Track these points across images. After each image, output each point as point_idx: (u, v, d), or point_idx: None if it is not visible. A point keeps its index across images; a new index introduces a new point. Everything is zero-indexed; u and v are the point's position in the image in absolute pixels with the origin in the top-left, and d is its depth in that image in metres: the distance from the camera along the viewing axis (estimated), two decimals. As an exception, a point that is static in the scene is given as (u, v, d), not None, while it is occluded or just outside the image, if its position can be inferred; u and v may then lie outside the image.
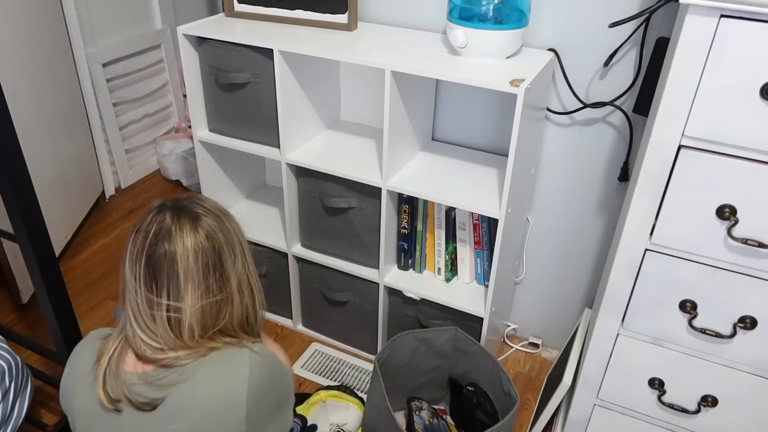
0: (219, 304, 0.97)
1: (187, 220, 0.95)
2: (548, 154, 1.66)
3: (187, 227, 0.95)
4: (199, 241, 0.94)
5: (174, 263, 0.93)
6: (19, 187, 1.16)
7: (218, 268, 0.96)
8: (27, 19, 2.04)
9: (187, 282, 0.94)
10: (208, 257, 0.95)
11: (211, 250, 0.95)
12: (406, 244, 1.71)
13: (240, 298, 1.00)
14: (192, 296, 0.94)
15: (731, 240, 1.03)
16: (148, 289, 0.94)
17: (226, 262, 0.97)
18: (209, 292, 0.96)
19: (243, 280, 1.00)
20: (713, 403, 1.21)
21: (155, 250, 0.93)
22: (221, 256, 0.96)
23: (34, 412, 1.69)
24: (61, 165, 2.27)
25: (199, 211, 0.97)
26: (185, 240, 0.94)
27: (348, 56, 1.45)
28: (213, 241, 0.95)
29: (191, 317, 0.95)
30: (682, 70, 0.95)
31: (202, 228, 0.95)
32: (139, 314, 0.96)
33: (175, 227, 0.94)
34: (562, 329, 1.91)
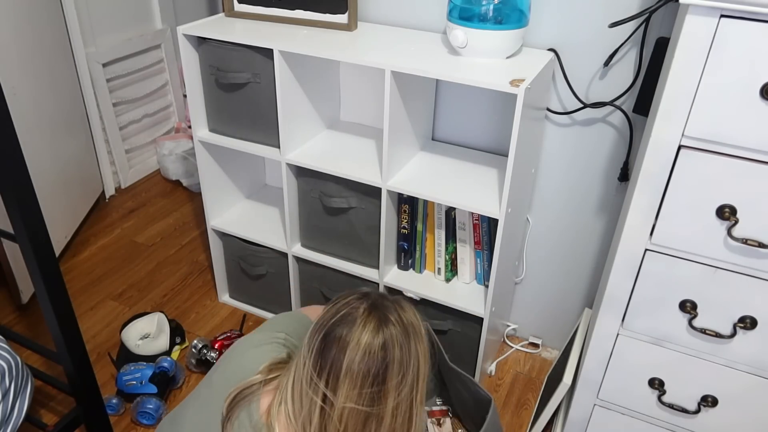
0: (367, 416, 0.91)
1: (375, 319, 0.91)
2: (548, 154, 1.66)
3: (371, 326, 0.91)
4: (374, 345, 0.90)
5: (342, 352, 0.90)
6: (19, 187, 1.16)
7: (378, 381, 0.90)
8: (27, 19, 2.04)
9: (346, 377, 0.90)
10: (373, 365, 0.89)
11: (380, 360, 0.90)
12: (406, 244, 1.71)
13: (392, 420, 0.93)
14: (345, 394, 0.90)
15: (731, 240, 1.03)
16: (314, 365, 0.92)
17: (391, 380, 0.91)
18: (361, 399, 0.90)
19: (403, 406, 0.93)
20: (713, 403, 1.21)
21: (334, 332, 0.91)
22: (387, 370, 0.90)
23: (34, 412, 1.69)
24: (61, 165, 2.27)
25: (392, 318, 0.92)
26: (362, 336, 0.90)
27: (348, 56, 1.45)
28: (386, 352, 0.90)
29: (340, 415, 0.90)
30: (682, 70, 0.95)
31: (383, 334, 0.90)
32: (297, 383, 0.94)
33: (361, 319, 0.91)
34: (562, 329, 1.91)
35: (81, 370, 1.42)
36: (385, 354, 0.90)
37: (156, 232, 2.50)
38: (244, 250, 1.93)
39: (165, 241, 2.45)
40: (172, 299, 2.14)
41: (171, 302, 2.13)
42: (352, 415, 0.91)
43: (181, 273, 2.27)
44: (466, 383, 1.53)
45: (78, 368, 1.41)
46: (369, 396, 0.90)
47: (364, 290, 0.98)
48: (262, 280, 1.97)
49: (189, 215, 2.62)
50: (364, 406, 0.90)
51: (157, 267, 2.30)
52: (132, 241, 2.44)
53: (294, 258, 1.85)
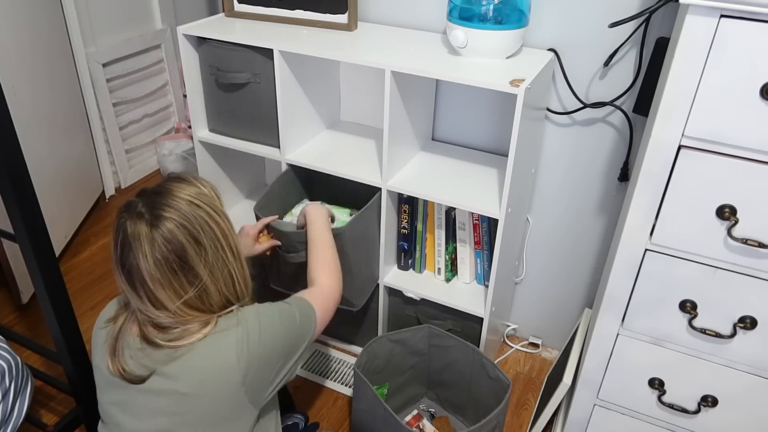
0: (197, 294, 0.98)
1: (144, 225, 0.95)
2: (548, 154, 1.66)
3: (143, 235, 0.94)
4: (157, 248, 0.94)
5: (140, 272, 0.95)
6: (19, 187, 1.16)
7: (184, 268, 0.96)
8: (27, 19, 2.04)
9: (157, 288, 0.96)
10: (169, 263, 0.95)
11: (172, 253, 0.95)
12: (406, 244, 1.71)
13: (214, 283, 1.00)
14: (167, 299, 0.97)
15: (731, 240, 1.03)
16: (132, 295, 0.99)
17: (192, 260, 0.97)
18: (183, 290, 0.97)
19: (216, 266, 1.00)
20: (713, 403, 1.21)
21: (125, 262, 0.96)
22: (184, 256, 0.96)
23: (34, 412, 1.69)
24: (61, 165, 2.27)
25: (162, 213, 0.96)
26: (144, 249, 0.94)
27: (348, 56, 1.45)
28: (173, 245, 0.95)
29: (173, 315, 0.98)
30: (682, 70, 0.95)
31: (159, 234, 0.95)
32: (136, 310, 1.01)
33: (133, 236, 0.95)
34: (562, 329, 1.91)
35: (81, 370, 1.42)
36: (173, 246, 0.95)
37: (156, 232, 2.50)
38: (244, 250, 1.93)
39: (165, 241, 2.45)
40: (172, 299, 2.14)
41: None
42: (186, 303, 0.98)
43: (181, 273, 2.27)
44: (486, 367, 1.54)
45: (78, 368, 1.41)
46: (186, 282, 0.97)
47: (125, 203, 1.00)
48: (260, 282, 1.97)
49: (189, 215, 2.62)
50: (187, 292, 0.97)
51: (157, 267, 2.30)
52: (132, 241, 2.44)
53: (294, 258, 1.85)
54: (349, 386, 1.81)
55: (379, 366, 1.60)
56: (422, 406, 1.74)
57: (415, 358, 1.66)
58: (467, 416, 1.68)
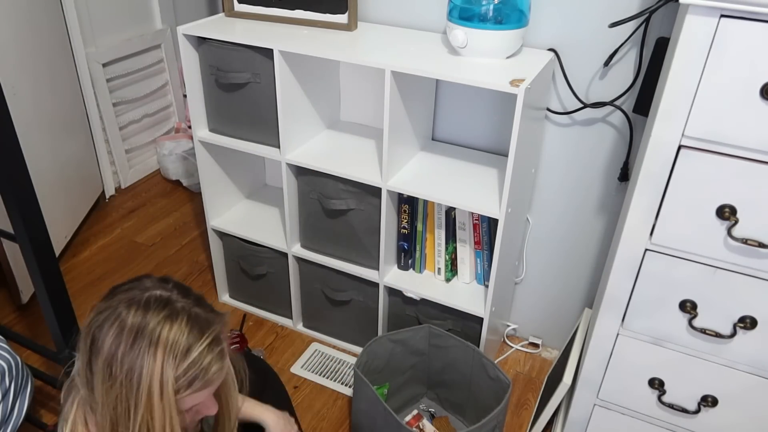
0: (85, 397, 0.93)
1: (127, 305, 0.89)
2: (548, 154, 1.66)
3: (105, 307, 0.90)
4: (93, 326, 0.89)
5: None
6: (19, 187, 1.16)
7: (88, 369, 0.90)
8: (27, 19, 2.04)
9: (79, 343, 0.93)
10: (86, 342, 0.90)
11: (89, 343, 0.89)
12: (406, 244, 1.71)
13: (104, 408, 0.88)
14: (78, 367, 0.94)
15: (731, 240, 1.03)
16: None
17: (96, 374, 0.88)
18: (81, 375, 0.92)
19: (116, 410, 0.88)
20: (713, 403, 1.21)
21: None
22: (93, 362, 0.88)
23: (34, 412, 1.69)
24: (61, 165, 2.27)
25: (127, 320, 0.87)
26: (103, 312, 0.90)
27: (348, 56, 1.45)
28: (91, 340, 0.89)
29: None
30: (682, 70, 0.95)
31: (106, 325, 0.88)
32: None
33: (114, 298, 0.91)
34: (562, 329, 1.91)
35: (81, 370, 1.42)
36: (89, 340, 0.88)
37: (156, 232, 2.50)
38: (244, 250, 1.93)
39: (165, 241, 2.45)
40: (172, 299, 2.14)
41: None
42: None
43: (181, 273, 2.27)
44: (486, 367, 1.54)
45: (78, 368, 1.41)
46: (84, 376, 0.90)
47: (161, 280, 0.95)
48: (262, 280, 1.97)
49: (189, 215, 2.62)
50: (83, 387, 0.92)
51: (157, 267, 2.30)
52: (132, 241, 2.44)
53: (294, 258, 1.85)
54: (349, 386, 1.81)
55: (379, 366, 1.60)
56: (422, 406, 1.74)
57: (415, 358, 1.66)
58: (467, 416, 1.68)
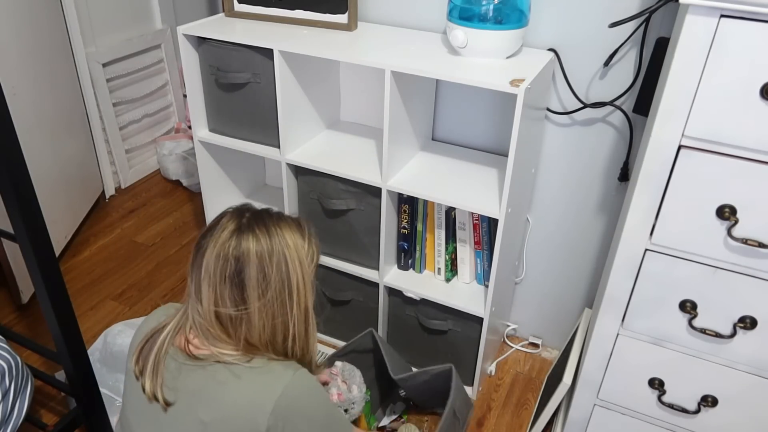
0: (236, 317, 0.95)
1: (234, 225, 0.95)
2: (548, 154, 1.66)
3: (227, 230, 0.94)
4: (227, 248, 0.93)
5: (203, 257, 0.95)
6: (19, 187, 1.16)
7: (235, 283, 0.94)
8: (27, 19, 2.04)
9: (204, 279, 0.95)
10: (226, 267, 0.93)
11: (233, 262, 0.93)
12: (406, 244, 1.71)
13: (260, 321, 0.95)
14: (206, 296, 0.95)
15: (731, 240, 1.03)
16: (191, 274, 0.97)
17: (248, 282, 0.94)
18: (222, 301, 0.94)
19: (272, 308, 0.96)
20: (713, 403, 1.21)
21: (201, 240, 0.96)
22: (242, 274, 0.93)
23: (34, 412, 1.69)
24: (61, 165, 2.27)
25: (255, 229, 0.95)
26: (217, 239, 0.94)
27: (348, 56, 1.45)
28: (239, 257, 0.93)
29: (207, 315, 0.95)
30: (682, 70, 0.95)
31: (237, 240, 0.94)
32: (190, 297, 0.99)
33: (220, 226, 0.95)
34: (562, 329, 1.91)
35: (81, 370, 1.42)
36: (239, 258, 0.93)
37: (156, 232, 2.50)
38: (244, 250, 1.93)
39: (165, 241, 2.45)
40: (172, 299, 2.14)
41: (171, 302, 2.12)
42: (220, 316, 0.95)
43: (181, 273, 2.27)
44: (417, 376, 1.52)
45: (78, 368, 1.41)
46: (229, 296, 0.94)
47: (247, 204, 1.01)
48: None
49: (189, 215, 2.62)
50: (227, 307, 0.94)
51: (157, 267, 2.30)
52: (132, 241, 2.44)
53: (294, 258, 1.85)
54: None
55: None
56: (393, 405, 1.74)
57: (374, 369, 1.64)
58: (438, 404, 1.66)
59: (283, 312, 0.97)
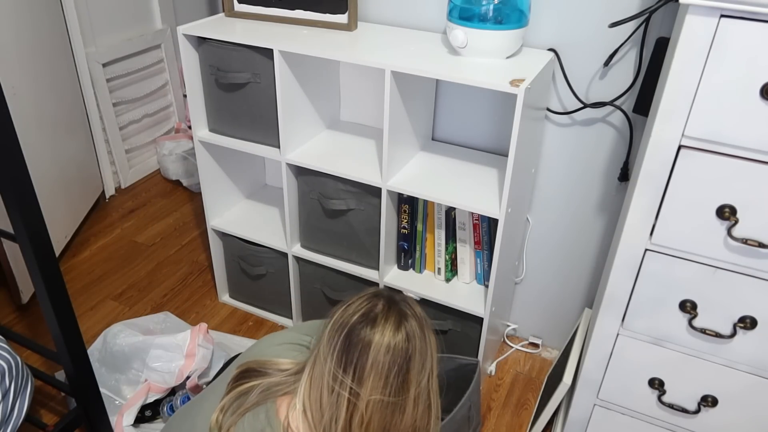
0: (392, 407, 0.96)
1: (395, 315, 0.97)
2: (548, 154, 1.66)
3: (392, 323, 0.96)
4: (398, 340, 0.95)
5: (367, 350, 0.95)
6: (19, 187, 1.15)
7: (402, 372, 0.96)
8: (27, 19, 2.04)
9: (372, 372, 0.94)
10: (398, 357, 0.95)
11: (403, 352, 0.95)
12: (406, 244, 1.71)
13: (414, 409, 0.98)
14: (371, 387, 0.95)
15: (731, 240, 1.03)
16: (338, 362, 0.96)
17: (412, 370, 0.96)
18: (386, 391, 0.95)
19: (423, 394, 0.99)
20: (713, 403, 1.21)
21: (357, 330, 0.96)
22: (410, 362, 0.96)
23: (34, 412, 1.69)
24: (61, 165, 2.27)
25: (408, 312, 0.99)
26: (385, 333, 0.95)
27: (348, 56, 1.45)
28: (408, 345, 0.96)
29: (366, 408, 0.95)
30: (682, 70, 0.95)
31: (404, 329, 0.96)
32: (318, 381, 0.97)
33: (381, 317, 0.97)
34: (562, 329, 1.91)
35: (81, 370, 1.42)
36: (407, 346, 0.96)
37: (156, 232, 2.50)
38: (244, 250, 1.93)
39: (165, 241, 2.45)
40: (172, 299, 2.14)
41: (171, 302, 2.13)
42: (378, 407, 0.95)
43: (181, 273, 2.27)
44: (444, 361, 1.53)
45: (78, 368, 1.41)
46: (394, 388, 0.95)
47: (374, 290, 1.03)
48: (262, 280, 1.97)
49: (189, 215, 2.62)
50: (390, 396, 0.95)
51: (157, 267, 2.30)
52: (132, 241, 2.44)
53: (294, 258, 1.85)
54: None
55: None
56: None
57: None
58: (445, 406, 1.68)
59: (427, 395, 1.01)
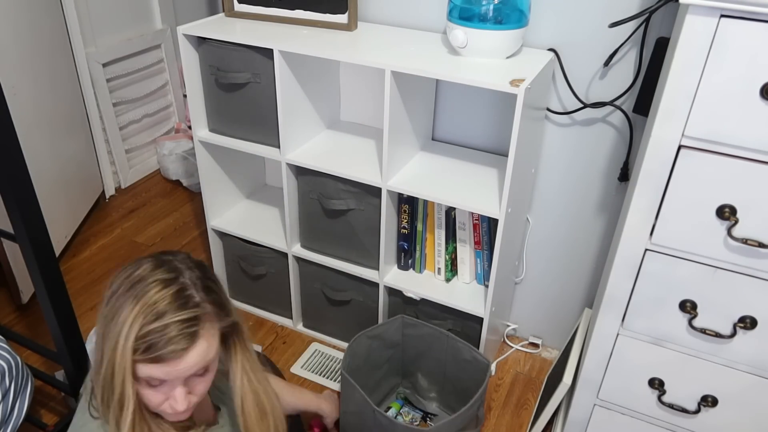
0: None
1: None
2: (548, 154, 1.66)
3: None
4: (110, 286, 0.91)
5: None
6: (19, 187, 1.16)
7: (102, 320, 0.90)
8: (27, 19, 2.04)
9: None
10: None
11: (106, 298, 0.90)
12: (406, 244, 1.71)
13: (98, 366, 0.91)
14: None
15: (731, 240, 1.03)
16: None
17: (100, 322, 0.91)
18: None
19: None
20: (713, 403, 1.21)
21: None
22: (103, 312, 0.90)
23: (34, 412, 1.69)
24: (61, 165, 2.27)
25: (133, 271, 0.90)
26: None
27: (348, 56, 1.45)
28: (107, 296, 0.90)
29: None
30: (682, 70, 0.95)
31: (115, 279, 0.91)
32: None
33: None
34: (562, 329, 1.91)
35: (81, 370, 1.42)
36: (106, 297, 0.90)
37: (156, 232, 2.50)
38: (244, 250, 1.93)
39: (165, 241, 2.45)
40: (172, 299, 2.14)
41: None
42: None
43: (181, 273, 2.27)
44: (462, 350, 1.56)
45: (78, 368, 1.41)
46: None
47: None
48: (262, 280, 1.97)
49: (189, 215, 2.62)
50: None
51: (157, 267, 2.30)
52: (132, 241, 2.44)
53: (294, 258, 1.85)
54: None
55: (360, 364, 1.60)
56: (398, 395, 1.75)
57: (390, 351, 1.67)
58: (442, 401, 1.69)
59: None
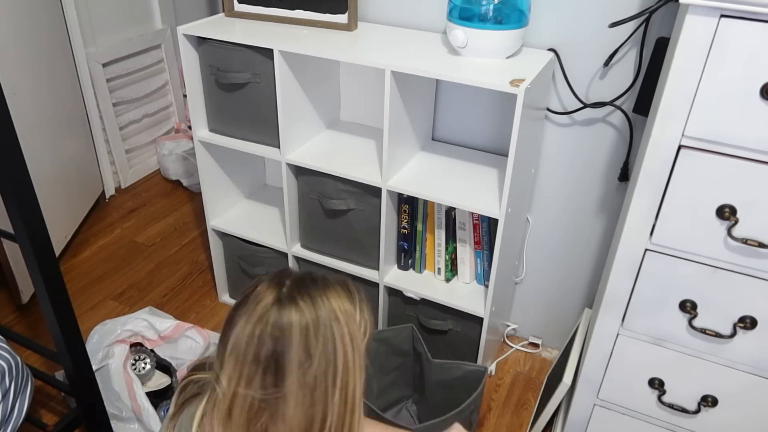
0: (262, 402, 0.79)
1: (273, 293, 0.80)
2: (548, 154, 1.66)
3: (262, 304, 0.79)
4: (263, 324, 0.78)
5: (232, 329, 0.80)
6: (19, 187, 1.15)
7: (269, 367, 0.78)
8: (27, 19, 2.04)
9: (230, 356, 0.80)
10: (260, 348, 0.77)
11: (272, 342, 0.77)
12: (406, 244, 1.71)
13: (296, 408, 0.79)
14: (228, 376, 0.80)
15: (731, 240, 1.03)
16: (218, 349, 0.83)
17: (286, 366, 0.78)
18: (249, 384, 0.79)
19: (311, 392, 0.79)
20: (713, 403, 1.21)
21: (233, 313, 0.82)
22: (282, 355, 0.77)
23: (34, 412, 1.69)
24: (61, 165, 2.27)
25: (297, 299, 0.79)
26: (251, 314, 0.79)
27: (348, 56, 1.45)
28: (280, 337, 0.77)
29: (226, 395, 0.80)
30: (682, 70, 0.95)
31: (278, 314, 0.78)
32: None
33: (255, 295, 0.80)
34: (562, 329, 1.91)
35: (81, 370, 1.42)
36: (278, 336, 0.77)
37: (156, 232, 2.50)
38: (244, 250, 1.93)
39: (165, 241, 2.45)
40: (172, 299, 2.14)
41: (171, 302, 2.13)
42: (240, 399, 0.80)
43: (181, 273, 2.27)
44: (451, 369, 1.54)
45: (78, 368, 1.41)
46: (259, 379, 0.79)
47: (286, 270, 0.86)
48: (262, 280, 1.97)
49: (189, 215, 2.62)
50: (249, 388, 0.79)
51: (157, 267, 2.30)
52: (132, 241, 2.44)
53: (294, 258, 1.85)
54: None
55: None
56: (405, 409, 1.73)
57: (399, 359, 1.65)
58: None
59: (323, 400, 0.80)
